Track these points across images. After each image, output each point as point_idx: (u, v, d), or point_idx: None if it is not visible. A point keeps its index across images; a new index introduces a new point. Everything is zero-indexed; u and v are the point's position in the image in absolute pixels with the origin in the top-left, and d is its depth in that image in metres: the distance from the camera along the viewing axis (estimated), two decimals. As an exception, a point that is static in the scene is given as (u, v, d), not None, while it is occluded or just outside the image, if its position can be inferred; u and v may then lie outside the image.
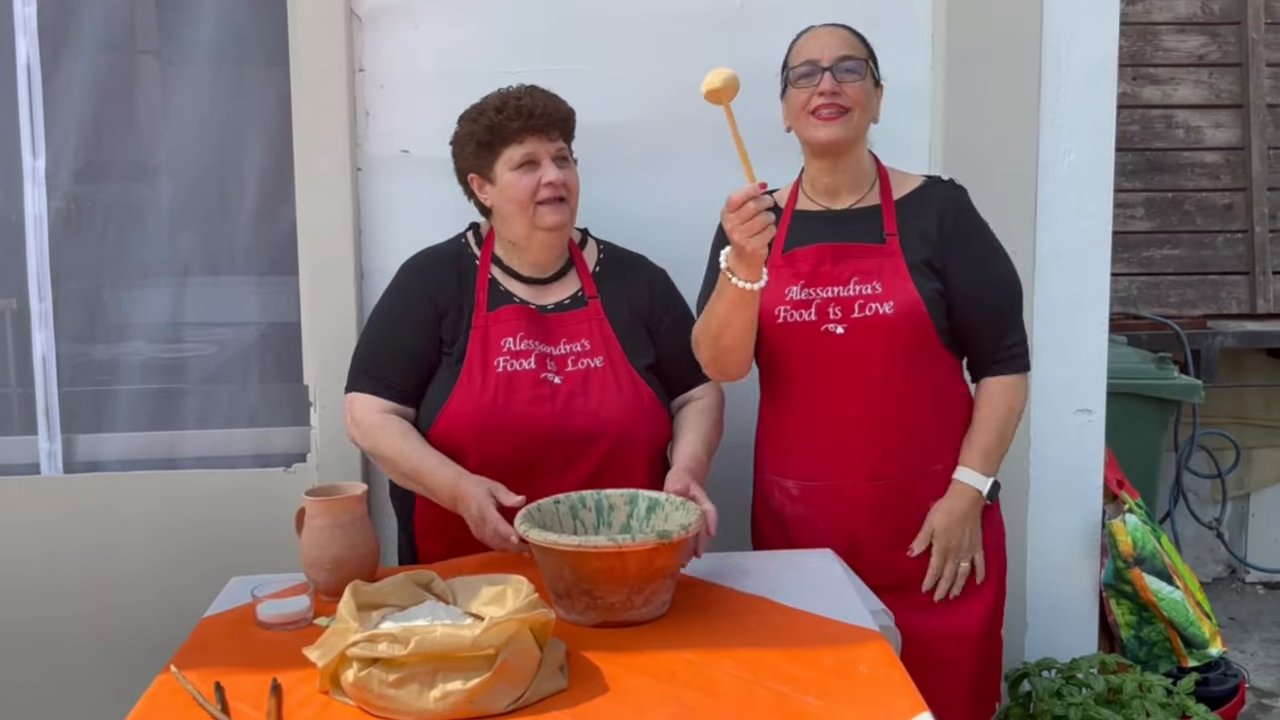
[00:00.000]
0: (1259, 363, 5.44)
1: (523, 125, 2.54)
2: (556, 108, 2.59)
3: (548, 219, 2.56)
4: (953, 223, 2.56)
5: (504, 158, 2.56)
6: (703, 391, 2.72)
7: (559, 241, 2.63)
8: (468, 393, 2.54)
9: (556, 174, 2.55)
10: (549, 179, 2.54)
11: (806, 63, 2.52)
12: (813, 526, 2.62)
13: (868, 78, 2.53)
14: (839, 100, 2.49)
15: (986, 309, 2.57)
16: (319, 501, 2.31)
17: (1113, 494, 3.30)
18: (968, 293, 2.54)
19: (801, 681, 1.93)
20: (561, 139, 2.60)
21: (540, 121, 2.54)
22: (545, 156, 2.56)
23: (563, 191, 2.56)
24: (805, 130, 2.55)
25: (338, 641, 1.88)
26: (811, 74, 2.51)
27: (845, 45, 2.53)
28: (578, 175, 2.64)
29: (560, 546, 2.11)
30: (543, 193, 2.54)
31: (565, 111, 2.62)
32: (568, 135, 2.63)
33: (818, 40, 2.55)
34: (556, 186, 2.55)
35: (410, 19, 3.03)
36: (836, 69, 2.50)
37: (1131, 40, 5.34)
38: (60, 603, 3.09)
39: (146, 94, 3.24)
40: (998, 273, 2.60)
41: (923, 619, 2.58)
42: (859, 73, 2.51)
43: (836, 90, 2.49)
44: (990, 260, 2.59)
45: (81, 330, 3.18)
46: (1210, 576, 5.51)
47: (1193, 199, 5.40)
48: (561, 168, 2.57)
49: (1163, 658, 3.22)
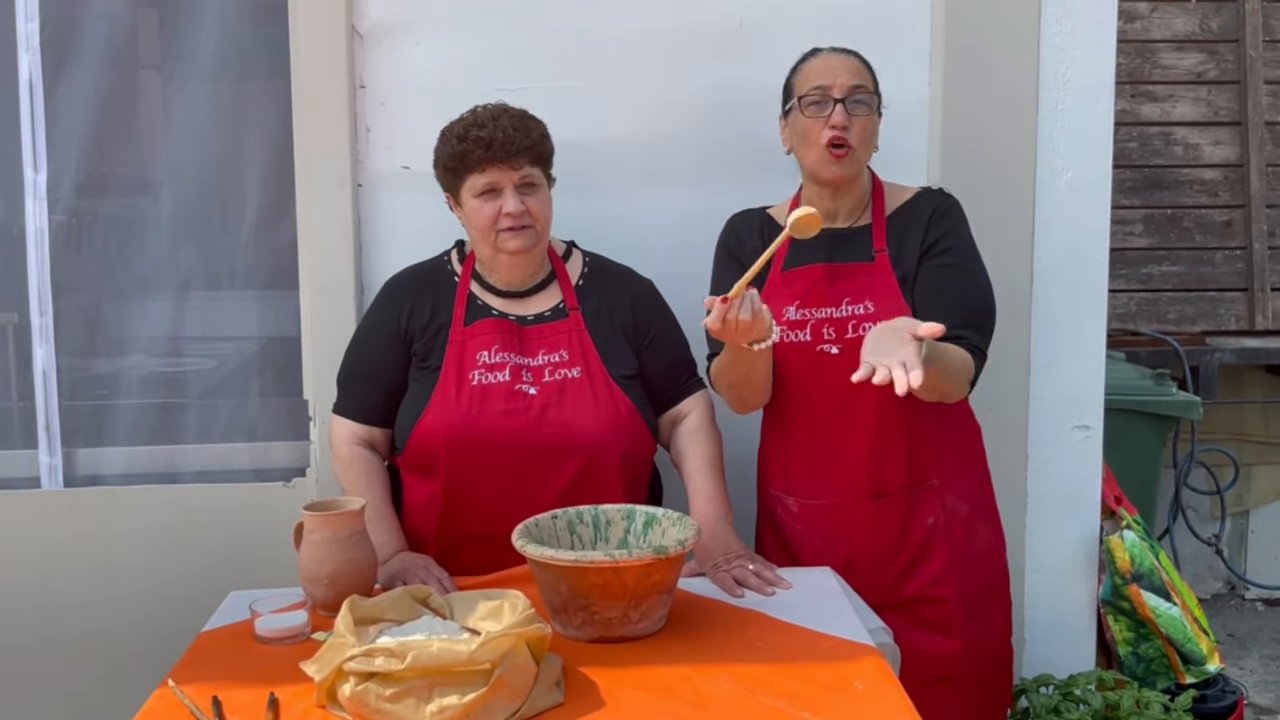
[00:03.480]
0: (1258, 379, 5.44)
1: (483, 155, 2.52)
2: (522, 136, 2.54)
3: (509, 244, 2.57)
4: (934, 228, 2.55)
5: (468, 184, 2.57)
6: (691, 405, 2.73)
7: (526, 262, 2.64)
8: (442, 406, 2.55)
9: (515, 205, 2.53)
10: (508, 209, 2.53)
11: (817, 89, 2.49)
12: (813, 545, 2.63)
13: (875, 112, 2.52)
14: (847, 136, 2.47)
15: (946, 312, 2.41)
16: (317, 516, 2.32)
17: (1111, 510, 3.30)
18: (929, 292, 2.50)
19: (797, 697, 1.93)
20: (529, 164, 2.55)
21: (499, 152, 2.51)
22: (507, 185, 2.54)
23: (525, 220, 2.55)
24: (810, 161, 2.54)
25: (335, 656, 1.89)
26: (823, 103, 2.48)
27: (856, 75, 2.51)
28: (548, 199, 2.61)
29: (557, 561, 2.12)
30: (503, 222, 2.55)
31: (533, 138, 2.56)
32: (537, 160, 2.57)
33: (828, 66, 2.51)
34: (516, 217, 2.54)
35: (411, 36, 3.05)
36: (848, 101, 2.48)
37: (1130, 58, 5.36)
38: (59, 616, 3.09)
39: (148, 109, 3.25)
40: (967, 283, 2.53)
41: (926, 637, 2.58)
42: (869, 106, 2.50)
43: (847, 124, 2.47)
44: (962, 268, 2.53)
45: (82, 344, 3.19)
46: (1209, 593, 5.51)
47: (1191, 216, 5.41)
48: (528, 195, 2.55)
49: (1161, 674, 3.22)
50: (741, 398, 2.61)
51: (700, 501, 2.63)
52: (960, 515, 2.62)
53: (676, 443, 2.73)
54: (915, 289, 2.52)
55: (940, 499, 2.59)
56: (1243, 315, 5.33)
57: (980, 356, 2.49)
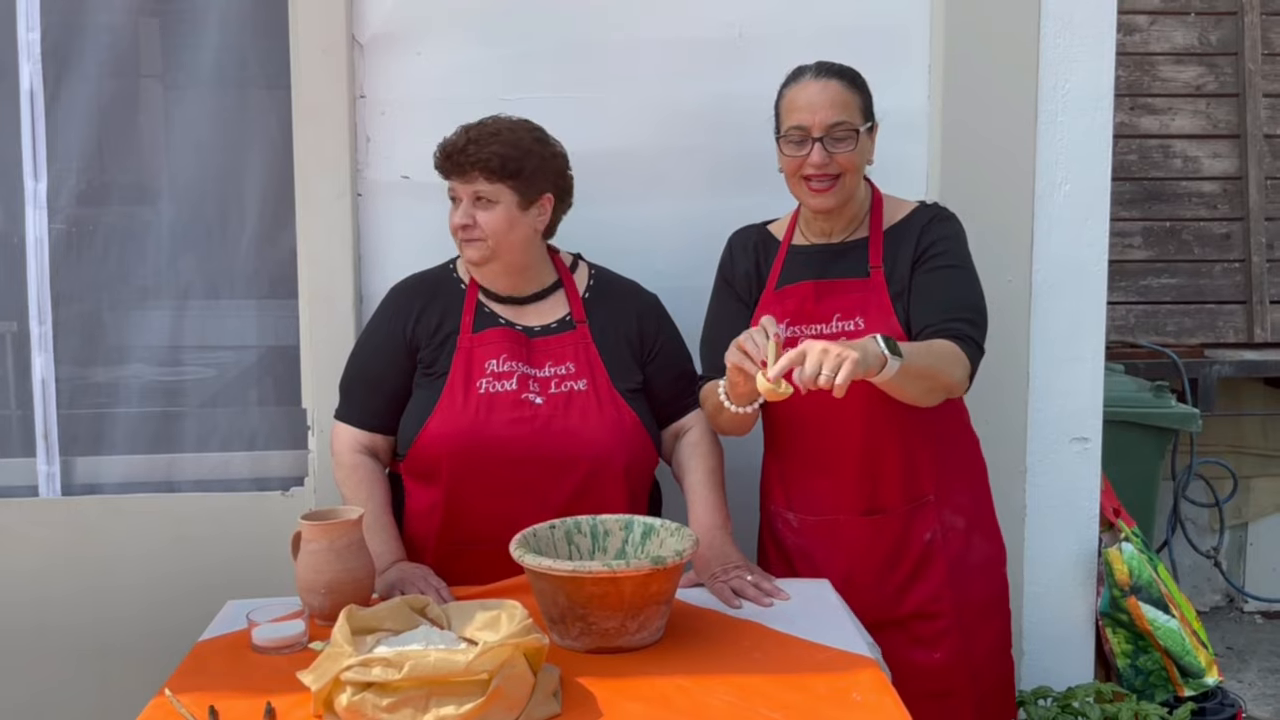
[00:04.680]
0: (1256, 392, 5.45)
1: (442, 164, 2.58)
2: (475, 150, 2.53)
3: (466, 253, 2.62)
4: (925, 235, 2.54)
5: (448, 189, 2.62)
6: (694, 419, 2.74)
7: (502, 271, 2.64)
8: (448, 412, 2.56)
9: (460, 218, 2.57)
10: (453, 221, 2.58)
11: (796, 129, 2.49)
12: (813, 559, 2.63)
13: (859, 140, 2.50)
14: (828, 169, 2.48)
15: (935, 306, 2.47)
16: (315, 525, 2.31)
17: (1109, 522, 3.30)
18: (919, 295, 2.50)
19: (795, 708, 1.93)
20: (482, 180, 2.54)
21: (451, 165, 2.56)
22: (463, 196, 2.58)
23: (474, 233, 2.57)
24: (797, 193, 2.56)
25: (332, 666, 1.89)
26: (802, 142, 2.48)
27: (836, 108, 2.47)
28: (504, 214, 2.56)
29: (555, 571, 2.12)
30: (456, 232, 2.59)
31: (486, 154, 2.53)
32: (495, 175, 2.54)
33: (807, 99, 2.49)
34: (461, 230, 2.58)
35: (412, 46, 3.05)
36: (827, 139, 2.47)
37: (1129, 70, 5.37)
38: (56, 624, 3.08)
39: (148, 118, 3.25)
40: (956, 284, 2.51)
41: (925, 653, 2.58)
42: (850, 140, 2.48)
43: (826, 162, 2.47)
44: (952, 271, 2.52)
45: (81, 353, 3.19)
46: (1208, 605, 5.50)
47: (1190, 228, 5.41)
48: (481, 209, 2.56)
49: (1159, 687, 3.22)
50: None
51: (700, 511, 2.63)
52: (958, 529, 2.61)
53: (678, 455, 2.74)
54: (911, 296, 2.52)
55: (938, 513, 2.58)
56: (1241, 328, 5.34)
57: (972, 345, 2.44)
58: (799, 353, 2.11)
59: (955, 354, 2.40)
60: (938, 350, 2.37)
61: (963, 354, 2.41)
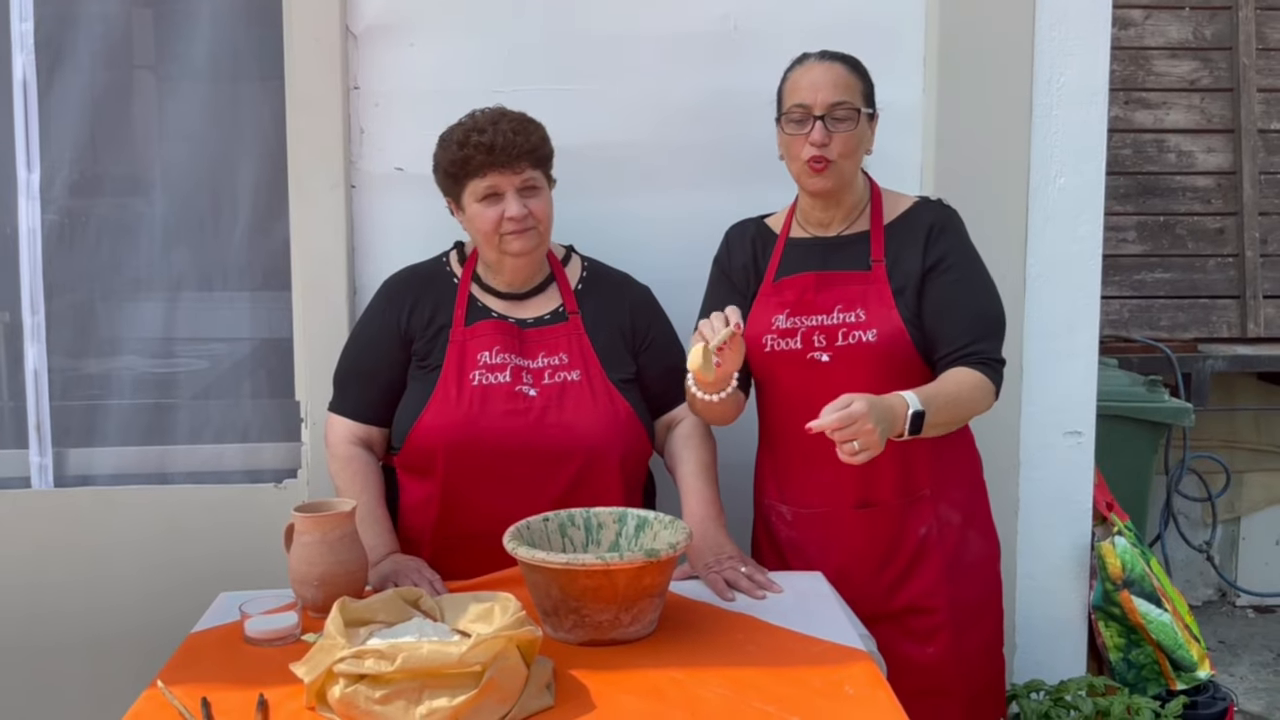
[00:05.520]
0: (1249, 386, 5.45)
1: (484, 160, 2.53)
2: (523, 140, 2.54)
3: (513, 246, 2.58)
4: (936, 244, 2.54)
5: (469, 189, 2.57)
6: (687, 410, 2.72)
7: (529, 264, 2.65)
8: (442, 405, 2.55)
9: (518, 209, 2.54)
10: (511, 214, 2.54)
11: (798, 107, 2.49)
12: (805, 552, 2.63)
13: (860, 123, 2.50)
14: (827, 152, 2.48)
15: (957, 325, 2.49)
16: (308, 518, 2.31)
17: (1102, 516, 3.30)
18: (939, 310, 2.50)
19: (788, 701, 1.93)
20: (530, 168, 2.56)
21: (501, 157, 2.52)
22: (509, 189, 2.55)
23: (528, 223, 2.56)
24: (794, 174, 2.56)
25: (324, 657, 1.89)
26: (803, 121, 2.48)
27: (839, 89, 2.48)
28: (549, 200, 2.62)
29: (548, 564, 2.11)
30: (506, 225, 2.55)
31: (534, 141, 2.57)
32: (538, 162, 2.58)
33: (810, 80, 2.50)
34: (519, 220, 2.55)
35: (406, 37, 3.05)
36: (828, 118, 2.47)
37: (1124, 65, 5.37)
38: (48, 616, 3.08)
39: (142, 109, 3.25)
40: (975, 294, 2.54)
41: (918, 648, 2.58)
42: (851, 121, 2.48)
43: (826, 141, 2.47)
44: (969, 281, 2.54)
45: (74, 344, 3.18)
46: (1201, 600, 5.51)
47: (1184, 223, 5.42)
48: (530, 197, 2.56)
49: (1151, 680, 3.23)
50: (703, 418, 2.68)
51: (693, 503, 2.63)
52: (953, 525, 2.61)
53: (670, 446, 2.74)
54: (924, 307, 2.51)
55: (933, 509, 2.58)
56: (1235, 322, 5.34)
57: (996, 368, 2.48)
58: (847, 414, 2.18)
59: (981, 388, 2.45)
60: (966, 394, 2.42)
61: (989, 383, 2.46)
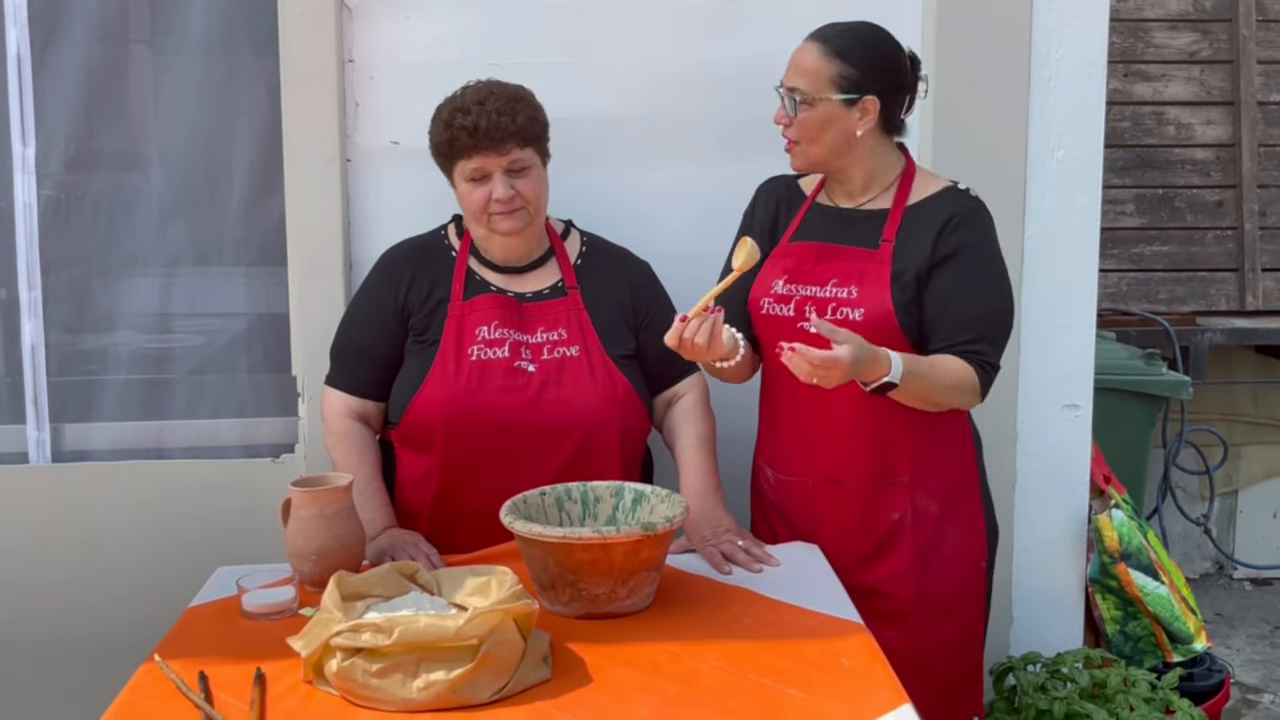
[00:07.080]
0: (1247, 360, 5.46)
1: (469, 143, 2.51)
2: (508, 121, 2.51)
3: (501, 226, 2.57)
4: (951, 236, 2.46)
5: (458, 169, 2.56)
6: (687, 386, 2.73)
7: (521, 242, 2.63)
8: (440, 380, 2.55)
9: (504, 190, 2.52)
10: (496, 195, 2.53)
11: (781, 84, 2.49)
12: (787, 518, 2.63)
13: (823, 108, 2.43)
14: (789, 133, 2.48)
15: (960, 318, 2.42)
16: (304, 492, 2.31)
17: (1099, 489, 3.31)
18: (943, 300, 2.44)
19: (784, 673, 1.94)
20: (517, 148, 2.52)
21: (485, 139, 2.49)
22: (496, 170, 2.53)
23: (515, 204, 2.54)
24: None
25: (322, 631, 1.89)
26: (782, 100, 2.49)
27: (798, 73, 2.45)
28: (540, 178, 2.59)
29: (545, 538, 2.12)
30: (493, 206, 2.54)
31: (521, 121, 2.52)
32: (527, 141, 2.54)
33: (793, 59, 2.48)
34: (505, 202, 2.53)
35: (400, 10, 3.03)
36: (787, 100, 2.46)
37: (1123, 37, 5.35)
38: (46, 591, 3.08)
39: (137, 83, 3.23)
40: (984, 292, 2.47)
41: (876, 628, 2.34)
42: (808, 105, 2.44)
43: (789, 121, 2.47)
44: (981, 277, 2.47)
45: (70, 320, 3.18)
46: (1198, 573, 5.53)
47: (1183, 196, 5.41)
48: (518, 178, 2.54)
49: (1148, 653, 3.23)
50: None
51: (691, 476, 2.63)
52: (930, 514, 2.55)
53: (670, 421, 2.74)
54: (926, 296, 2.45)
55: (909, 496, 2.53)
56: (1233, 295, 5.34)
57: (988, 368, 2.43)
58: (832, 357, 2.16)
59: (965, 382, 2.40)
60: (949, 380, 2.38)
61: (977, 385, 2.41)
